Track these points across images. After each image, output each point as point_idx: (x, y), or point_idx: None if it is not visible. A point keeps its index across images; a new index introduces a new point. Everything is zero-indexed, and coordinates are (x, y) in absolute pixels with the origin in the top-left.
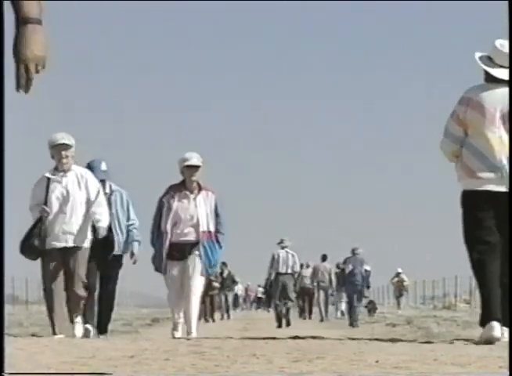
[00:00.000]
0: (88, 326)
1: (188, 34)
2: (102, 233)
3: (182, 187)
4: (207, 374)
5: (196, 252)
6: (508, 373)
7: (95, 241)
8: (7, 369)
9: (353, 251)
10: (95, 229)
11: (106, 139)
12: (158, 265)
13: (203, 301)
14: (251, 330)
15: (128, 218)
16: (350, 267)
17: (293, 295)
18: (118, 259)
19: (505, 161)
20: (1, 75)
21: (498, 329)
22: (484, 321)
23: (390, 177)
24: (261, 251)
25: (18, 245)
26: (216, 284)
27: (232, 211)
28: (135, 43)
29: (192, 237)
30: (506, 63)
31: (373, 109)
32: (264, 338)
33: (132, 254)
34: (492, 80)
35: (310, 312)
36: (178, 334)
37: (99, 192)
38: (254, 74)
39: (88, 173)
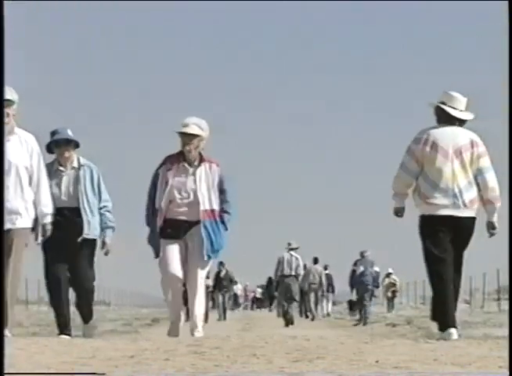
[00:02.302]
0: None
1: (187, 34)
2: (48, 228)
3: (180, 158)
4: (207, 374)
5: (196, 234)
6: (508, 373)
7: (57, 224)
8: (7, 369)
9: (362, 254)
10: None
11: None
12: (155, 247)
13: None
14: (251, 330)
15: (100, 199)
16: (361, 268)
17: (297, 297)
18: (90, 244)
19: (457, 190)
20: (1, 75)
21: (455, 334)
22: (442, 327)
23: (390, 176)
24: (261, 252)
25: None
26: (209, 283)
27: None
28: (135, 43)
29: (190, 216)
30: (456, 105)
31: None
32: (264, 338)
33: (104, 244)
34: (443, 121)
35: (305, 312)
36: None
37: (40, 166)
38: (254, 74)
39: (33, 139)
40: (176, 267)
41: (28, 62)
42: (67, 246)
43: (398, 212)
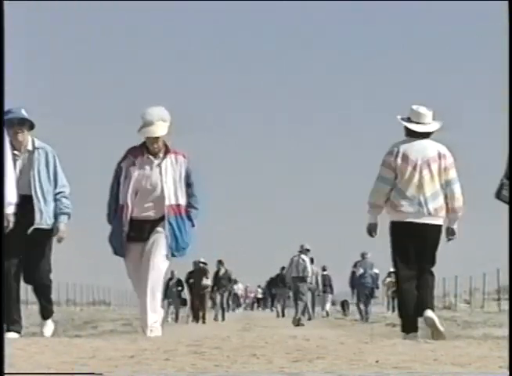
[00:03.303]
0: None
1: (187, 34)
2: (10, 219)
3: (144, 150)
4: (207, 374)
5: (160, 230)
6: (508, 373)
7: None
8: (7, 369)
9: (363, 256)
10: None
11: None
12: (116, 246)
13: (196, 302)
14: (251, 330)
15: (56, 185)
16: (361, 270)
17: (304, 297)
18: (44, 235)
19: (422, 199)
20: (1, 75)
21: (417, 336)
22: (407, 330)
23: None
24: (261, 252)
25: None
26: (207, 283)
27: (232, 212)
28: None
29: (154, 213)
30: (421, 120)
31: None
32: (264, 338)
33: (57, 230)
34: (411, 135)
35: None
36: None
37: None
38: (253, 74)
39: None
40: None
41: (28, 62)
42: (19, 237)
43: (372, 230)
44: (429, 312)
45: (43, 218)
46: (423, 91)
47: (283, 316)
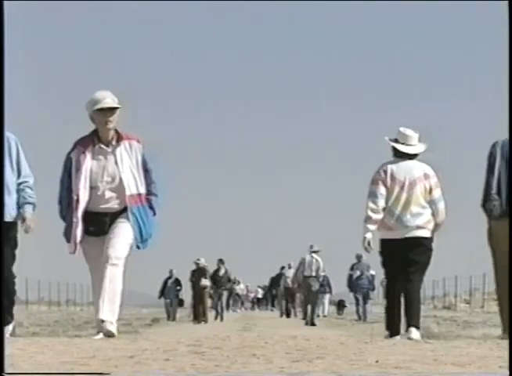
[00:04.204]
0: None
1: (187, 34)
2: None
3: (94, 139)
4: (207, 374)
5: (123, 221)
6: (508, 373)
7: None
8: (7, 369)
9: (358, 258)
10: None
11: None
12: (73, 242)
13: (195, 302)
14: (251, 330)
15: (19, 175)
16: (358, 272)
17: (316, 297)
18: (8, 228)
19: (409, 216)
20: (1, 75)
21: (399, 339)
22: (390, 332)
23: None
24: (261, 252)
25: None
26: (206, 283)
27: (232, 212)
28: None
29: (115, 204)
30: (408, 141)
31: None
32: (264, 338)
33: (23, 221)
34: (399, 156)
35: (293, 311)
36: (100, 336)
37: None
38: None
39: None
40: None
41: (28, 62)
42: None
43: (368, 245)
44: (413, 333)
45: (7, 211)
46: (423, 91)
47: (288, 316)
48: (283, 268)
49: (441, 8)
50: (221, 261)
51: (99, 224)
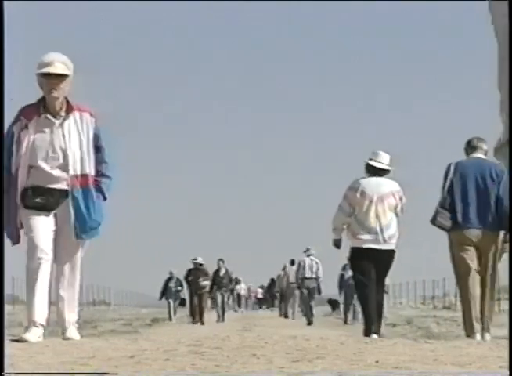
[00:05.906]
0: None
1: (187, 34)
2: None
3: (41, 108)
4: (207, 374)
5: (65, 208)
6: (508, 373)
7: None
8: (7, 369)
9: None
10: None
11: None
12: (11, 231)
13: (192, 302)
14: (251, 330)
15: None
16: (349, 273)
17: (313, 297)
18: None
19: (378, 228)
20: (1, 75)
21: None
22: (366, 332)
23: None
24: (261, 253)
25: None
26: (205, 282)
27: (232, 213)
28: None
29: (60, 184)
30: (379, 159)
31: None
32: (264, 338)
33: None
34: (371, 173)
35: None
36: (30, 336)
37: None
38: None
39: None
40: (49, 252)
41: (28, 62)
42: None
43: (337, 243)
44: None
45: None
46: (423, 92)
47: (286, 317)
48: (284, 268)
49: (442, 8)
50: (221, 260)
51: (45, 197)
